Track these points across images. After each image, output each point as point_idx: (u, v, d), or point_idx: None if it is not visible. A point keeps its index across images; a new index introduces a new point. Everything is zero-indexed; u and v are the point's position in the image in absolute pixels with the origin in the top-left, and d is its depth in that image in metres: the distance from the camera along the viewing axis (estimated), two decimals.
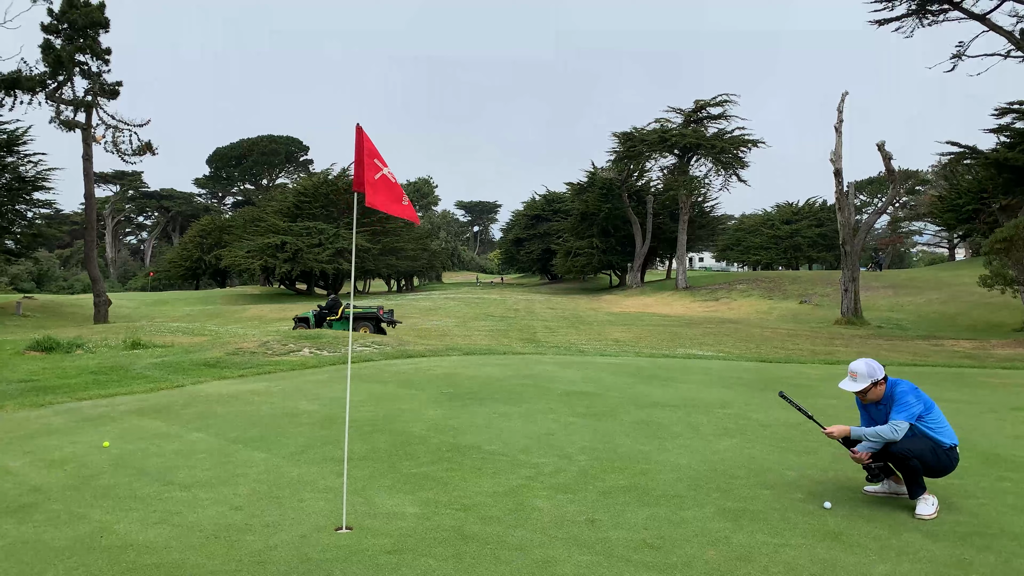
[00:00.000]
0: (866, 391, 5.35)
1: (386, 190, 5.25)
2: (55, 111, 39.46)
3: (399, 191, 5.38)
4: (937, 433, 5.24)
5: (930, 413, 5.29)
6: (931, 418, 5.28)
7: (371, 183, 5.16)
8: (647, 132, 56.96)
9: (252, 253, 57.13)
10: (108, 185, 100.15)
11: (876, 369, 5.35)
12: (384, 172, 5.24)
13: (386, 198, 5.25)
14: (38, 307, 41.76)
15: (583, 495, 5.62)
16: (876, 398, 5.39)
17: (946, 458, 5.21)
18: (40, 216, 46.67)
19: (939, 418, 5.32)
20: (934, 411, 5.33)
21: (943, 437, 5.25)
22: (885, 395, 5.36)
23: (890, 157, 34.20)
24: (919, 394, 5.31)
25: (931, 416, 5.29)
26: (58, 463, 6.81)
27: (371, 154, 5.18)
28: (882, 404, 5.38)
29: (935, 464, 5.17)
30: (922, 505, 5.08)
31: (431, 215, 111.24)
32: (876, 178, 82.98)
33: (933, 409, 5.33)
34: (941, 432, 5.26)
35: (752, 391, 10.63)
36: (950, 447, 5.24)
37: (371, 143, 5.20)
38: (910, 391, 5.29)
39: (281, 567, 4.26)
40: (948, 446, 5.24)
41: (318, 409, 9.41)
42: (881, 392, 5.36)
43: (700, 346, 21.30)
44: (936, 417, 5.31)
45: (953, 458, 5.26)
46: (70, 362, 16.83)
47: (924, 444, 5.17)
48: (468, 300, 44.52)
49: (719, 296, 46.14)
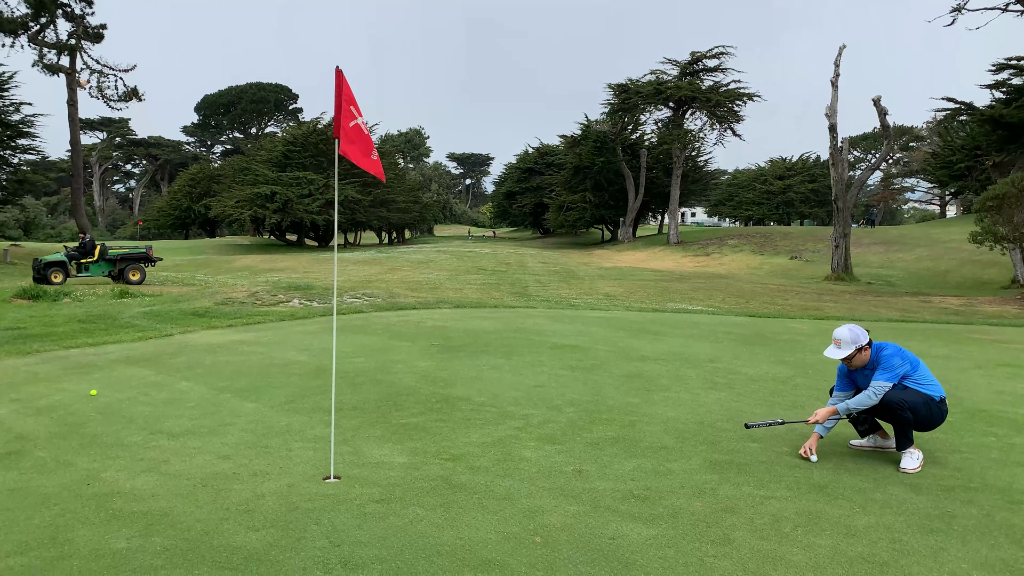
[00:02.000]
0: (851, 357, 5.33)
1: (359, 140, 5.11)
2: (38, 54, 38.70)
3: (370, 144, 5.23)
4: (926, 388, 5.27)
5: (916, 371, 5.31)
6: (918, 375, 5.30)
7: (346, 130, 5.01)
8: (642, 84, 56.17)
9: (241, 203, 56.49)
10: (95, 132, 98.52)
11: (860, 335, 5.32)
12: (358, 121, 5.10)
13: (357, 149, 5.09)
14: (25, 255, 41.39)
15: (571, 446, 5.64)
16: (861, 364, 5.38)
17: (937, 410, 5.26)
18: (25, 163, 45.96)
19: (926, 374, 5.34)
20: (920, 368, 5.35)
21: (933, 391, 5.28)
22: (870, 360, 5.35)
23: (885, 112, 33.92)
24: (904, 356, 5.31)
25: (918, 373, 5.30)
26: (45, 411, 6.78)
27: (348, 100, 5.03)
28: (867, 369, 5.38)
29: (927, 416, 5.21)
30: (907, 459, 5.12)
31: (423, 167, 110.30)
32: (870, 134, 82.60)
33: (919, 366, 5.35)
34: (930, 387, 5.29)
35: (741, 345, 10.66)
36: (940, 400, 5.28)
37: (349, 89, 5.04)
38: (895, 354, 5.29)
39: (269, 515, 4.26)
40: (938, 399, 5.28)
41: (308, 360, 9.39)
42: (866, 358, 5.35)
43: (690, 301, 21.35)
44: (923, 373, 5.33)
45: (943, 411, 5.31)
46: (57, 310, 16.73)
47: (917, 397, 5.19)
48: (459, 253, 44.41)
49: (710, 251, 46.16)
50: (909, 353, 5.39)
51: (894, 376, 5.20)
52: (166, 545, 3.87)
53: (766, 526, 4.14)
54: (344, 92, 5.01)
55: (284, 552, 3.78)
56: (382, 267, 34.25)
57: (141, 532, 4.04)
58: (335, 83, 5.02)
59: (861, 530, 4.08)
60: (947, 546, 3.89)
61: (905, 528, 4.11)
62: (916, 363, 5.35)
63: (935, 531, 4.08)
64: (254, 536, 3.98)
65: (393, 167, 71.15)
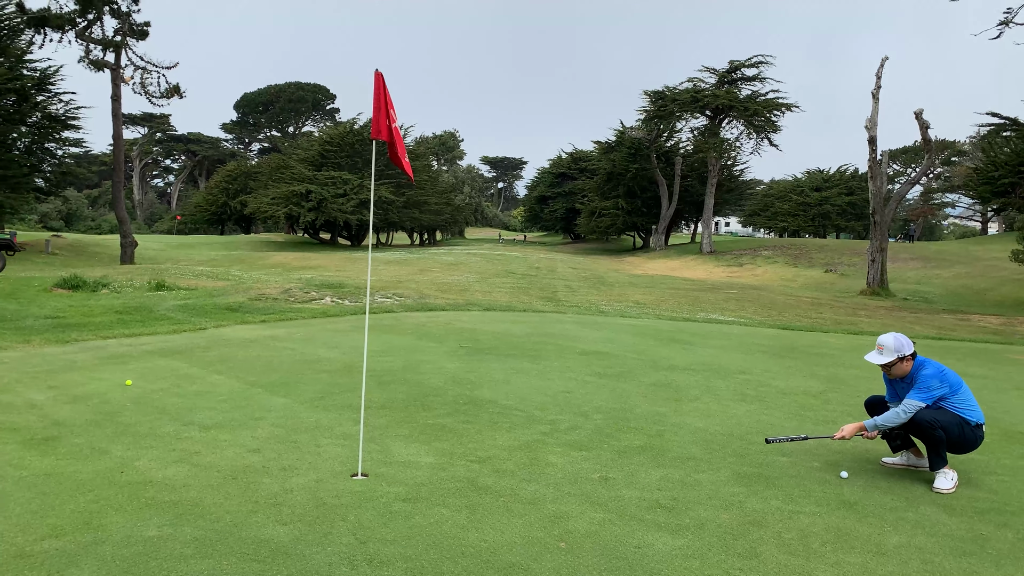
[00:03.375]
0: (891, 365, 5.24)
1: (397, 142, 5.22)
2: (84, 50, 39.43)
3: (403, 146, 5.36)
4: (964, 412, 5.15)
5: (956, 394, 5.18)
6: (958, 398, 5.18)
7: (392, 131, 5.11)
8: (679, 91, 55.88)
9: (277, 200, 57.20)
10: (136, 127, 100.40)
11: (905, 344, 5.22)
12: (395, 124, 5.20)
13: (396, 151, 5.23)
14: (66, 246, 42.32)
15: (598, 453, 5.62)
16: (901, 374, 5.28)
17: (971, 434, 5.14)
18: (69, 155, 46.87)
19: (967, 398, 5.22)
20: (961, 391, 5.21)
21: (970, 415, 5.16)
22: (911, 373, 5.25)
23: (927, 126, 33.35)
24: (945, 378, 5.16)
25: (958, 396, 5.18)
26: (81, 399, 6.92)
27: (388, 103, 5.12)
28: (906, 381, 5.28)
29: (959, 438, 5.09)
30: (941, 479, 5.02)
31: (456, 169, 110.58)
32: (911, 147, 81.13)
33: (960, 389, 5.21)
34: (968, 411, 5.17)
35: (772, 358, 10.55)
36: (975, 424, 5.16)
37: (388, 92, 5.13)
38: (935, 375, 5.15)
39: (296, 510, 4.31)
40: (974, 423, 5.16)
41: (338, 357, 9.48)
42: (907, 369, 5.25)
43: (722, 311, 21.15)
44: (964, 397, 5.20)
45: (978, 436, 5.18)
46: (95, 301, 17.07)
47: (951, 417, 5.09)
48: (490, 256, 44.49)
49: (743, 262, 45.70)
50: (952, 375, 5.24)
51: (928, 397, 5.09)
52: (196, 535, 3.93)
53: (794, 541, 4.09)
54: (384, 95, 5.09)
55: (311, 547, 3.82)
56: (413, 268, 34.43)
57: (172, 521, 4.10)
58: (375, 86, 5.09)
59: (891, 549, 4.01)
60: (980, 570, 3.81)
61: (937, 549, 4.04)
62: (957, 386, 5.21)
63: (968, 554, 3.99)
64: (282, 530, 4.03)
65: (427, 169, 71.49)
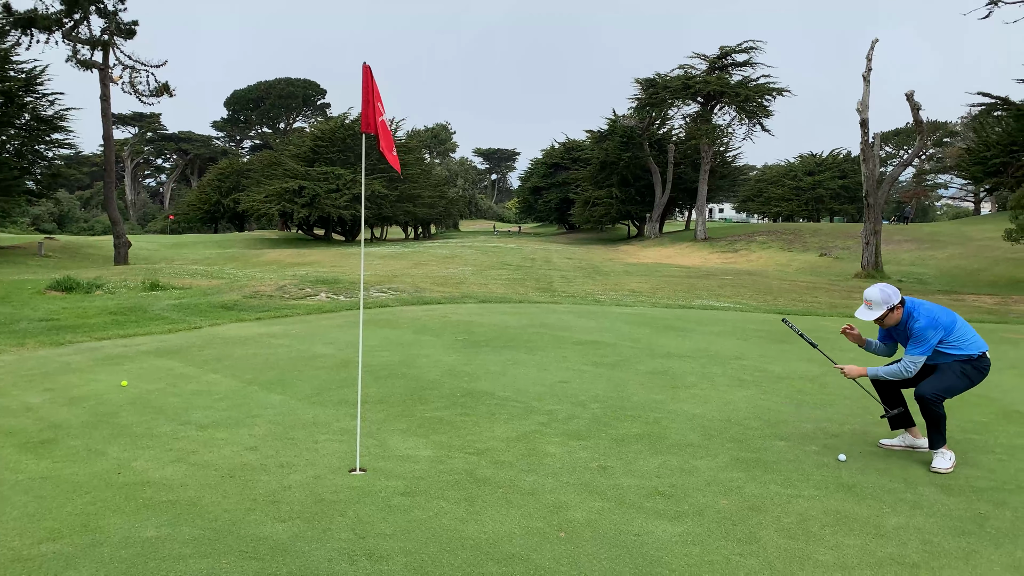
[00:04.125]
0: (883, 318, 5.24)
1: (385, 135, 5.19)
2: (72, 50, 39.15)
3: (391, 139, 5.33)
4: (963, 348, 5.17)
5: (952, 332, 5.17)
6: (954, 337, 5.17)
7: (380, 125, 5.08)
8: (670, 79, 55.72)
9: (270, 197, 56.98)
10: (126, 127, 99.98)
11: (892, 294, 5.21)
12: (383, 117, 5.17)
13: (385, 144, 5.20)
14: (59, 248, 42.16)
15: (596, 442, 5.62)
16: (894, 323, 5.29)
17: (977, 371, 5.18)
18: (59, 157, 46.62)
19: (963, 333, 5.21)
20: (956, 327, 5.21)
21: (971, 349, 5.17)
22: (903, 319, 5.25)
23: (918, 108, 33.33)
24: (937, 323, 5.14)
25: (953, 336, 5.17)
26: (77, 400, 6.90)
27: (376, 96, 5.09)
28: (901, 327, 5.29)
29: (969, 384, 5.17)
30: (939, 459, 5.04)
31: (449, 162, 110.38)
32: (903, 129, 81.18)
33: (955, 326, 5.20)
34: (968, 346, 5.18)
35: (768, 343, 10.56)
36: (979, 356, 5.18)
37: (376, 85, 5.09)
38: (928, 326, 5.11)
39: (295, 507, 4.30)
40: (977, 356, 5.18)
41: (334, 353, 9.46)
42: (899, 316, 5.25)
43: (717, 297, 21.17)
44: (960, 334, 5.20)
45: (984, 367, 5.22)
46: (90, 302, 17.01)
47: (951, 378, 5.12)
48: (485, 249, 44.44)
49: (738, 247, 45.73)
50: (944, 316, 5.21)
51: (927, 349, 5.10)
52: (194, 534, 3.92)
53: (793, 525, 4.09)
54: (372, 88, 5.05)
55: (310, 543, 3.81)
56: (408, 262, 34.38)
57: (170, 521, 4.09)
58: (363, 79, 5.05)
59: (891, 531, 4.02)
60: (979, 548, 3.82)
61: (936, 529, 4.05)
62: (951, 325, 5.19)
63: (967, 533, 4.01)
64: (280, 527, 4.02)
65: (419, 162, 71.31)
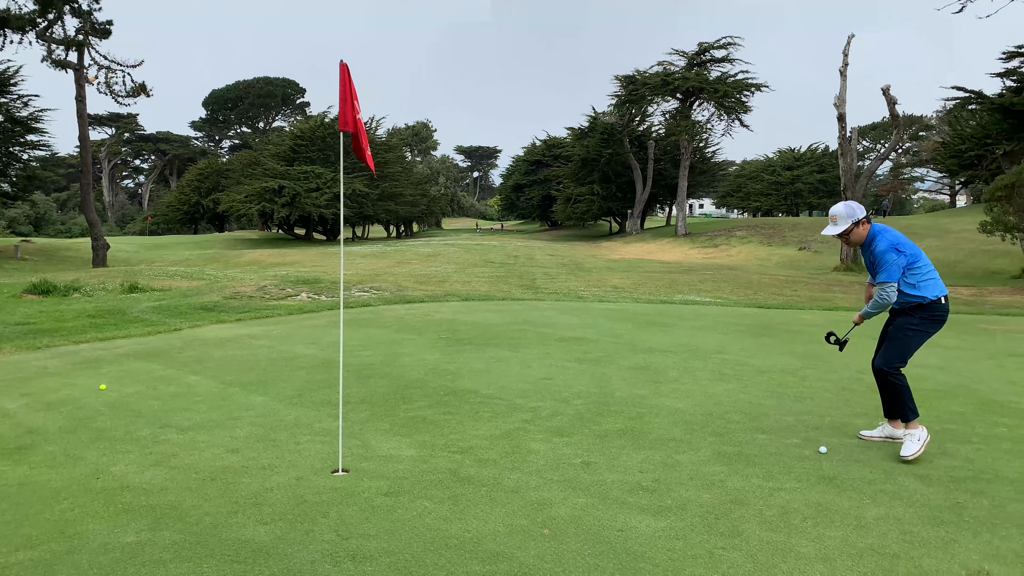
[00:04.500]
0: (848, 232, 5.25)
1: (361, 134, 5.16)
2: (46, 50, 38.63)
3: (366, 138, 5.31)
4: (921, 289, 5.13)
5: (916, 263, 5.14)
6: (913, 272, 5.14)
7: (357, 123, 5.05)
8: (649, 75, 55.94)
9: (250, 197, 56.56)
10: (103, 127, 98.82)
11: (856, 209, 5.21)
12: (359, 116, 5.14)
13: (360, 143, 5.17)
14: (36, 251, 41.63)
15: (579, 439, 5.63)
16: (859, 240, 5.31)
17: (932, 319, 5.14)
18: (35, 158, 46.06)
19: (922, 270, 5.17)
20: (919, 262, 5.17)
21: (928, 291, 5.13)
22: (867, 239, 5.27)
23: (895, 102, 33.69)
24: (901, 247, 5.14)
25: (914, 270, 5.14)
26: (55, 405, 6.81)
27: (353, 95, 5.06)
28: (870, 249, 5.30)
29: (925, 336, 5.15)
30: (908, 444, 5.07)
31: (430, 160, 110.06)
32: (880, 123, 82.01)
33: (918, 260, 5.17)
34: (926, 285, 5.14)
35: (749, 337, 10.63)
36: (934, 300, 5.12)
37: (352, 84, 5.06)
38: (888, 249, 5.12)
39: (277, 509, 4.27)
40: (932, 299, 5.13)
41: (316, 353, 9.41)
42: (864, 233, 5.27)
43: (698, 292, 21.29)
44: (919, 270, 5.16)
45: (941, 312, 5.16)
46: (67, 305, 16.81)
47: (902, 341, 5.16)
48: (467, 246, 44.40)
49: (718, 243, 46.00)
50: (907, 242, 5.21)
51: (894, 273, 5.09)
52: (175, 539, 3.88)
53: (775, 518, 4.12)
54: (349, 86, 5.02)
55: (293, 545, 3.79)
56: (390, 260, 34.28)
57: (150, 526, 4.05)
58: (340, 77, 5.02)
59: (871, 522, 4.06)
60: (958, 537, 3.86)
61: (915, 519, 4.09)
62: (916, 254, 5.18)
63: (945, 522, 4.05)
64: (263, 529, 3.99)
65: (400, 160, 71.10)
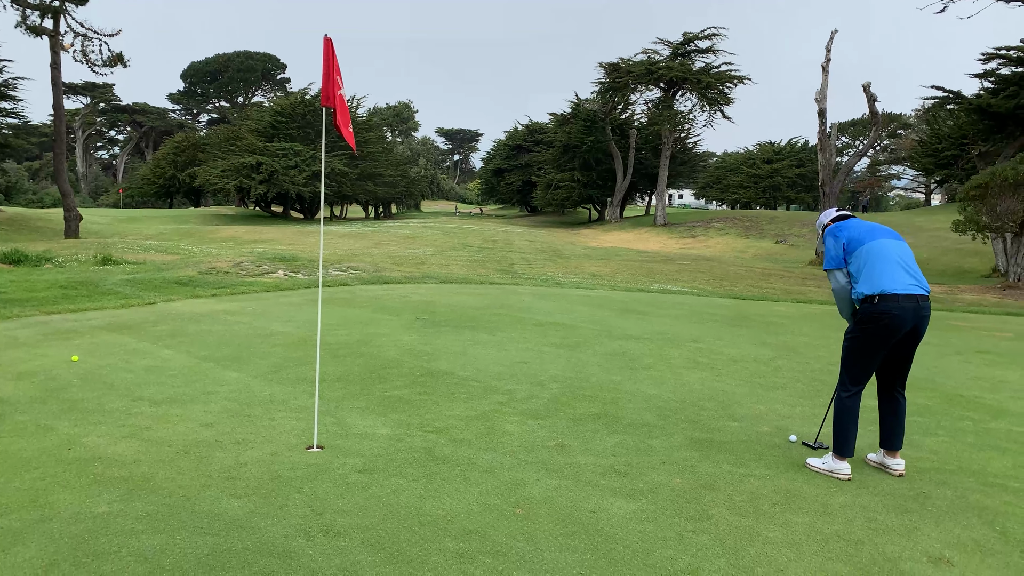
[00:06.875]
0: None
1: (342, 111, 5.11)
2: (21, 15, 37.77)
3: (348, 115, 5.26)
4: (858, 284, 4.52)
5: (853, 252, 4.55)
6: (850, 262, 4.57)
7: (337, 99, 5.01)
8: (633, 63, 55.92)
9: (227, 173, 55.79)
10: (78, 96, 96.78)
11: (822, 218, 4.95)
12: (342, 92, 5.09)
13: (342, 119, 5.13)
14: (6, 220, 40.86)
15: (553, 421, 5.67)
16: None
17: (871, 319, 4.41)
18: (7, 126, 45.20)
19: (859, 259, 4.52)
20: (858, 249, 4.53)
21: (862, 287, 4.49)
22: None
23: (875, 99, 34.00)
24: (838, 233, 4.65)
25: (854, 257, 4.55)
26: (25, 376, 6.73)
27: (336, 70, 5.01)
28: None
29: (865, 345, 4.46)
30: (821, 460, 4.76)
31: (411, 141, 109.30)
32: (859, 120, 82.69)
33: (853, 246, 4.56)
34: (865, 279, 4.48)
35: (724, 327, 10.74)
36: (867, 297, 4.45)
37: (336, 59, 5.01)
38: (828, 234, 4.72)
39: (251, 483, 4.27)
40: (866, 295, 4.46)
41: (292, 331, 9.37)
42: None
43: (675, 282, 21.42)
44: (856, 259, 4.53)
45: (880, 312, 4.37)
46: (38, 275, 16.55)
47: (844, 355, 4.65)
48: (446, 229, 44.27)
49: (696, 233, 46.26)
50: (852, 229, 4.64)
51: (831, 260, 4.63)
52: (147, 510, 3.87)
53: (744, 503, 4.19)
54: (333, 62, 4.97)
55: (266, 519, 3.79)
56: (368, 241, 34.09)
57: (122, 497, 4.03)
58: (323, 52, 4.96)
59: (837, 509, 4.15)
60: (920, 525, 3.96)
61: (880, 507, 4.18)
62: (853, 239, 4.58)
63: (909, 511, 4.15)
64: (236, 503, 3.99)
65: (381, 140, 70.49)
